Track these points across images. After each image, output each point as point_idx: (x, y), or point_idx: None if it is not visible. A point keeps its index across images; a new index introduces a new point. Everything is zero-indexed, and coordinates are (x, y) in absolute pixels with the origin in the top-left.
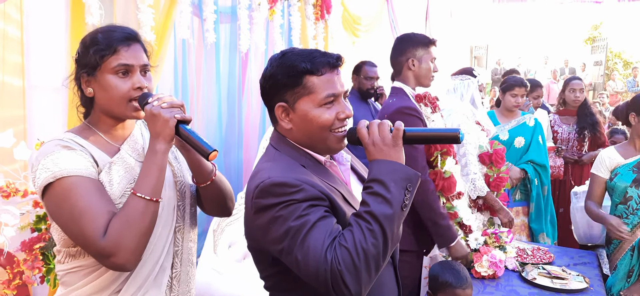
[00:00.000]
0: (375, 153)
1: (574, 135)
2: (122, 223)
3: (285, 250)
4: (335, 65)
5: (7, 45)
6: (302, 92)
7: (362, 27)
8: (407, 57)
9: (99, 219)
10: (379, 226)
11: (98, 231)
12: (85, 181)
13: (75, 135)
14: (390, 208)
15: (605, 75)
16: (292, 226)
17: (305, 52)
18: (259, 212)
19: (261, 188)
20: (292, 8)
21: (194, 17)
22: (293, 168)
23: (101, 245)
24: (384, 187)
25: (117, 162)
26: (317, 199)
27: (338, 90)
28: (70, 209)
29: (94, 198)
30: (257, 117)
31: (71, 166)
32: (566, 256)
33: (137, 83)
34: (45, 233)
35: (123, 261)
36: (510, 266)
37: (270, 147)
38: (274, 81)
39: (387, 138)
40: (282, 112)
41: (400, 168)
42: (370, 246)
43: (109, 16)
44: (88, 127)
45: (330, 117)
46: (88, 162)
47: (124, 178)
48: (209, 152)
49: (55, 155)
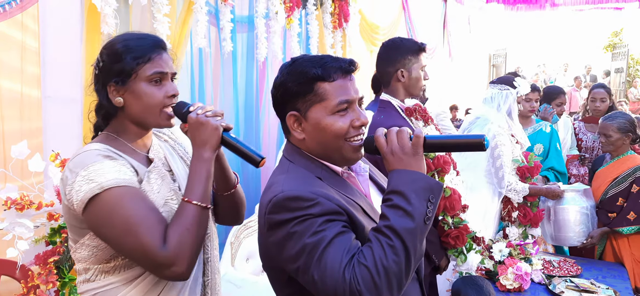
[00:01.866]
0: (394, 163)
1: (598, 143)
2: (181, 231)
3: (301, 269)
4: (347, 70)
5: (26, 57)
6: (314, 99)
7: (380, 36)
8: (396, 67)
9: (156, 229)
10: (401, 241)
11: (158, 241)
12: (135, 191)
13: (108, 146)
14: (412, 221)
15: (626, 82)
16: (308, 243)
17: (316, 58)
18: (273, 228)
19: (274, 202)
20: (309, 16)
21: (211, 26)
22: (308, 180)
23: (163, 255)
24: (405, 199)
25: (153, 171)
26: (334, 213)
27: (352, 96)
28: (124, 220)
29: (146, 207)
30: (275, 127)
31: (118, 176)
32: (594, 268)
33: (171, 90)
34: (60, 246)
35: (183, 270)
36: (537, 279)
37: (284, 158)
38: (284, 89)
39: (406, 146)
40: (294, 121)
41: (421, 178)
42: (392, 263)
43: (124, 25)
44: (113, 137)
45: (345, 125)
46: (131, 171)
47: (162, 186)
48: (259, 160)
49: (98, 165)
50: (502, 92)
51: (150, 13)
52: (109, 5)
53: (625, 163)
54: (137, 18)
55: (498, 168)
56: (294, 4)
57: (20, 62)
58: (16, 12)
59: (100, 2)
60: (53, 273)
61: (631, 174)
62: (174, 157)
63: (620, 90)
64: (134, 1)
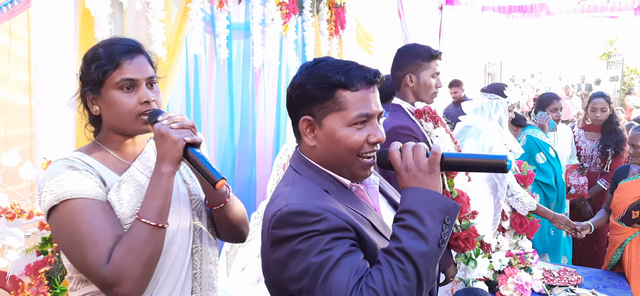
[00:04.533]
0: (409, 180)
1: (597, 152)
2: (125, 250)
3: (304, 290)
4: (372, 81)
5: (13, 63)
6: (333, 107)
7: (375, 44)
8: (405, 72)
9: (102, 245)
10: (413, 265)
11: (101, 259)
12: (91, 203)
13: (83, 153)
14: (426, 244)
15: (621, 90)
16: (313, 263)
17: (340, 63)
18: (276, 244)
19: (278, 217)
20: (306, 23)
21: (206, 33)
22: (314, 194)
23: (103, 274)
24: (419, 220)
25: (126, 180)
26: (341, 230)
27: (372, 110)
28: (72, 234)
29: (98, 222)
30: (271, 134)
31: (75, 188)
32: (595, 278)
33: (144, 97)
34: (51, 256)
35: (126, 292)
36: (537, 289)
37: (291, 169)
38: (302, 90)
39: (422, 163)
40: (307, 126)
41: (437, 197)
42: (402, 288)
43: (119, 31)
44: (97, 145)
45: (360, 140)
46: (94, 182)
47: (134, 196)
48: (216, 180)
49: (60, 176)
50: (493, 102)
51: (145, 19)
52: (103, 11)
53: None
54: (131, 23)
55: (502, 179)
56: (291, 10)
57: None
58: (6, 18)
59: (94, 7)
60: (44, 284)
61: None
62: None
63: (615, 98)
64: (128, 6)
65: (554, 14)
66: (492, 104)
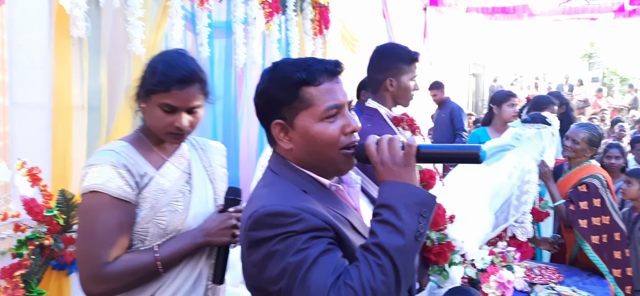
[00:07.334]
0: (385, 174)
1: None
2: (129, 267)
3: (283, 291)
4: (334, 72)
5: None
6: (300, 105)
7: (360, 44)
8: (386, 75)
9: (111, 248)
10: (389, 260)
11: (105, 258)
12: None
13: (128, 145)
14: (402, 238)
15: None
16: (291, 263)
17: (299, 61)
18: (253, 246)
19: (255, 219)
20: (289, 22)
21: (187, 32)
22: (292, 194)
23: (102, 272)
24: (395, 214)
25: (164, 175)
26: (319, 230)
27: (341, 100)
28: (90, 225)
29: (115, 226)
30: (255, 134)
31: (107, 184)
32: (575, 275)
33: (178, 123)
34: (27, 259)
35: (100, 292)
36: (519, 287)
37: (268, 170)
38: (267, 96)
39: (398, 156)
40: (280, 130)
41: (413, 190)
42: (380, 284)
43: (96, 29)
44: (141, 137)
45: (335, 133)
46: (126, 184)
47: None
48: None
49: (98, 167)
50: (540, 131)
51: (123, 16)
52: (79, 8)
53: (581, 172)
54: (109, 21)
55: (521, 203)
56: (274, 9)
57: None
58: None
59: (69, 5)
60: (20, 287)
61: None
62: (197, 164)
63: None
64: (105, 4)
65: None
66: (540, 133)
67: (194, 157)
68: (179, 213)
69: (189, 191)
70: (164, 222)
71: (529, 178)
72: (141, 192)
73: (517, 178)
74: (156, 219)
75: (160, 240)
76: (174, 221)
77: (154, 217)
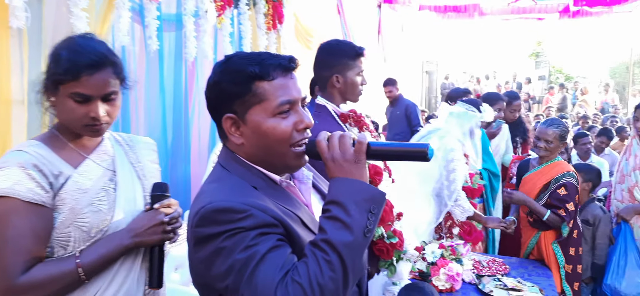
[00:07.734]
0: (335, 171)
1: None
2: (47, 276)
3: (230, 288)
4: (288, 67)
5: None
6: (253, 100)
7: (315, 39)
8: (332, 72)
9: (23, 256)
10: (338, 256)
11: (17, 267)
12: (27, 209)
13: (40, 143)
14: (351, 234)
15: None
16: (238, 259)
17: (252, 55)
18: (200, 243)
19: (202, 215)
20: (242, 16)
21: (135, 24)
22: (241, 190)
23: (14, 284)
24: (343, 210)
25: (83, 173)
26: (268, 226)
27: (294, 96)
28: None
29: (27, 231)
30: (206, 129)
31: (16, 188)
32: (521, 267)
33: (93, 113)
34: None
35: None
36: (467, 279)
37: (218, 165)
38: (219, 90)
39: (348, 152)
40: (232, 125)
41: (362, 187)
42: (327, 280)
43: (37, 19)
44: (54, 134)
45: (288, 128)
46: (39, 187)
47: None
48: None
49: (6, 170)
50: (468, 113)
51: (66, 6)
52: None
53: (554, 169)
54: (51, 12)
55: (451, 182)
56: (226, 2)
57: None
58: None
59: None
60: None
61: (559, 179)
62: (122, 161)
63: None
64: None
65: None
66: (467, 115)
67: (118, 153)
68: (103, 213)
69: (113, 189)
70: (87, 223)
71: (453, 156)
72: (58, 194)
73: (441, 158)
74: (78, 221)
75: (85, 245)
76: (97, 222)
77: (75, 219)
